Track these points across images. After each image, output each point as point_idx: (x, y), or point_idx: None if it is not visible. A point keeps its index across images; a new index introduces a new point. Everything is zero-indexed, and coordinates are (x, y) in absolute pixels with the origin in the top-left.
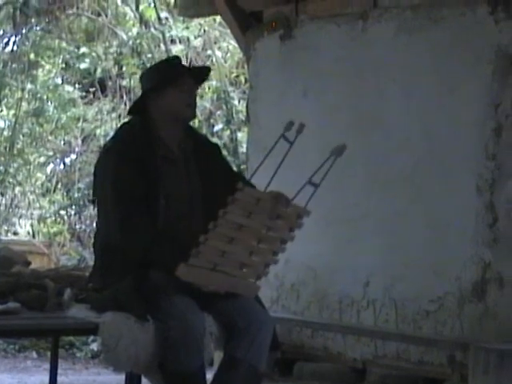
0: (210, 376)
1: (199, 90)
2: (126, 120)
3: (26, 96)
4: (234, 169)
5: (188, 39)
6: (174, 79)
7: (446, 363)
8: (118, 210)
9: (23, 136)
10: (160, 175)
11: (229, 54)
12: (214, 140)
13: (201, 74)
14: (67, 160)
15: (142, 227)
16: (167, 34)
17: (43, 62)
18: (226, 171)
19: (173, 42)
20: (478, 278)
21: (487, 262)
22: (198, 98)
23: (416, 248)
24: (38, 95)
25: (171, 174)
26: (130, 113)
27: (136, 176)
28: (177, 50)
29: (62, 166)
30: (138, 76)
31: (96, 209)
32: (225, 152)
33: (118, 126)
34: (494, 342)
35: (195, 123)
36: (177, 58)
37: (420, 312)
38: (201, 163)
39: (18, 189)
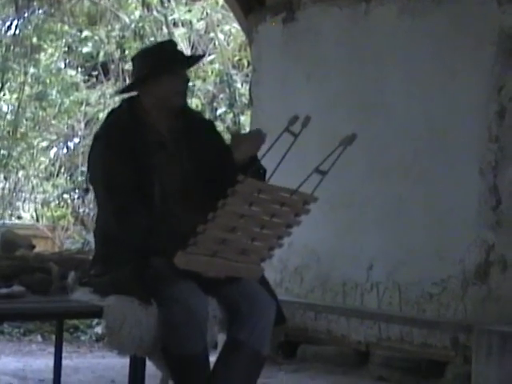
0: (213, 359)
1: (201, 74)
2: (115, 106)
3: (29, 80)
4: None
5: (190, 22)
6: (168, 67)
7: (450, 345)
8: (112, 201)
9: (26, 120)
10: (152, 160)
11: (231, 37)
12: (217, 123)
13: (194, 61)
14: (70, 144)
15: (137, 217)
16: (169, 17)
17: (45, 46)
18: (222, 147)
19: (175, 25)
20: (481, 261)
21: (490, 245)
22: (200, 82)
23: (419, 231)
24: (41, 79)
25: (164, 158)
26: (120, 93)
27: (128, 164)
28: (179, 33)
29: (65, 150)
30: None
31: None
32: (228, 136)
33: (107, 112)
34: (496, 324)
35: (198, 106)
36: (171, 43)
37: (423, 295)
38: (194, 143)
39: (21, 173)
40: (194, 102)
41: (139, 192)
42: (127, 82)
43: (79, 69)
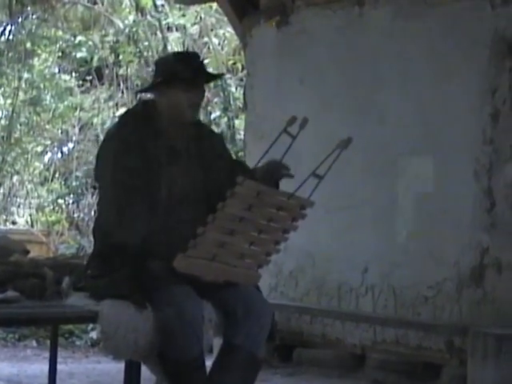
0: (209, 363)
1: None
2: (130, 107)
3: (23, 85)
4: (235, 158)
5: (184, 27)
6: (183, 79)
7: (445, 348)
8: (116, 199)
9: (20, 125)
10: (161, 164)
11: (225, 41)
12: (212, 127)
13: (213, 78)
14: (65, 149)
15: (139, 218)
16: (163, 22)
17: (39, 51)
18: (229, 163)
19: (169, 29)
20: (476, 263)
21: (485, 247)
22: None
23: (414, 234)
24: (35, 84)
25: (173, 163)
26: (138, 92)
27: (136, 164)
28: (173, 37)
29: (59, 155)
30: (134, 64)
31: (98, 194)
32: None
33: (122, 112)
34: (492, 327)
35: None
36: (195, 55)
37: (418, 297)
38: (204, 152)
39: (15, 178)
40: None
41: (145, 193)
42: (121, 86)
43: (73, 74)
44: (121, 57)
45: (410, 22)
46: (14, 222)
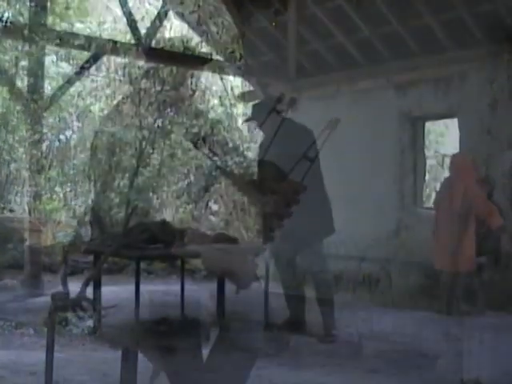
0: (206, 351)
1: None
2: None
3: (21, 72)
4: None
5: (183, 14)
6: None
7: (442, 337)
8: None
9: (18, 113)
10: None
11: (224, 30)
12: (210, 116)
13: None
14: (62, 137)
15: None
16: (162, 10)
17: (37, 38)
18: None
19: (167, 17)
20: (473, 252)
21: (482, 236)
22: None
23: (411, 223)
24: (33, 71)
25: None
26: None
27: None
28: (172, 25)
29: (57, 143)
30: (132, 52)
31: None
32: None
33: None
34: (489, 316)
35: None
36: None
37: (415, 287)
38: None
39: (13, 166)
40: None
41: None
42: (119, 74)
43: (71, 61)
44: (119, 44)
45: (408, 13)
46: (11, 210)
